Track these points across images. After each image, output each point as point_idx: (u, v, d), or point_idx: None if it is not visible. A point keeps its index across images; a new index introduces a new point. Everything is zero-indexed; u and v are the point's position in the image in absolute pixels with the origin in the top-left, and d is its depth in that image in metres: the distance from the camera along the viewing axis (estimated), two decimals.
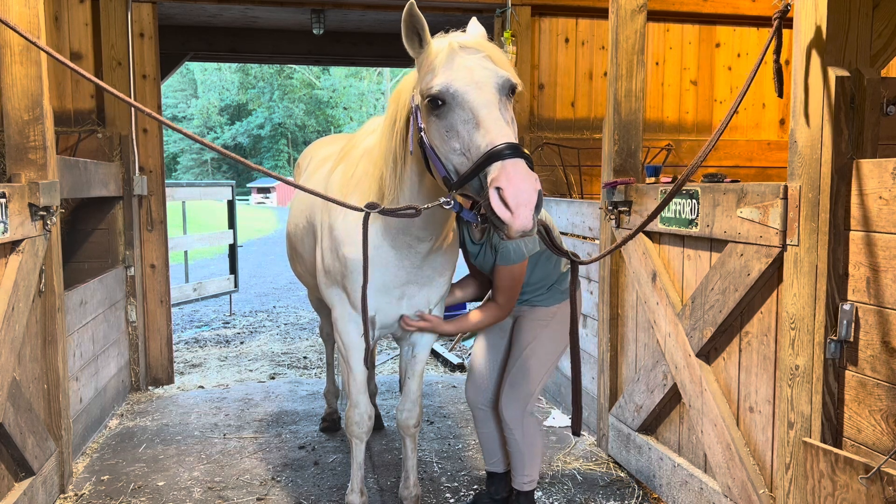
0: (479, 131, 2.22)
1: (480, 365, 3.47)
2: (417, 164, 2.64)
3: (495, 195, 2.10)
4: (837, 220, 2.45)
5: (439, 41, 2.41)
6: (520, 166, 2.12)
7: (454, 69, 2.31)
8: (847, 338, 2.42)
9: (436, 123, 2.35)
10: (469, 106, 2.26)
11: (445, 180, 2.37)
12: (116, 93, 2.52)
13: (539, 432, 3.36)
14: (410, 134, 2.57)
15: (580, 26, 6.21)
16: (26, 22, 3.39)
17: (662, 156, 5.86)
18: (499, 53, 2.42)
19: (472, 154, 2.23)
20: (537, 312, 3.27)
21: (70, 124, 5.40)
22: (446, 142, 2.32)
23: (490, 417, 3.46)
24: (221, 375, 6.15)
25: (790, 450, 2.62)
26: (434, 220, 2.79)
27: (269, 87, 53.09)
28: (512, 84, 2.36)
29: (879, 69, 2.94)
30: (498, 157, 2.14)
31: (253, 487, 3.85)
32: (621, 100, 4.04)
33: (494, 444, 3.50)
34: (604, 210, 4.11)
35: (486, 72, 2.32)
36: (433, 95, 2.30)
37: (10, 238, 3.12)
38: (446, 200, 2.43)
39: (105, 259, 5.41)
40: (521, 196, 2.08)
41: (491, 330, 3.46)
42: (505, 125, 2.25)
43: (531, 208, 2.09)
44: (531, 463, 3.33)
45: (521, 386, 3.25)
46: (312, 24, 6.71)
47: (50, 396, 3.63)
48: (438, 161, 2.37)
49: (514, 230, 2.10)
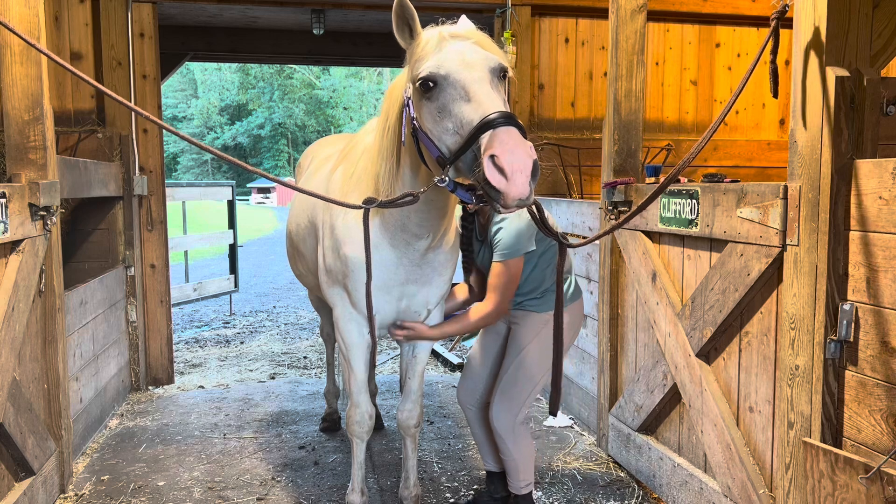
0: (471, 105, 2.20)
1: (473, 366, 3.47)
2: (411, 157, 2.64)
3: (489, 163, 2.05)
4: (837, 220, 2.45)
5: (429, 31, 2.43)
6: (513, 133, 2.09)
7: (444, 53, 2.32)
8: (847, 338, 2.42)
9: (427, 106, 2.33)
10: (460, 84, 2.25)
11: (439, 160, 2.33)
12: (115, 96, 2.52)
13: (530, 439, 3.34)
14: (403, 126, 2.58)
15: (580, 26, 6.21)
16: (26, 22, 3.39)
17: (662, 156, 5.86)
18: (488, 41, 2.43)
19: (465, 130, 2.20)
20: (531, 319, 3.25)
21: (70, 124, 5.40)
22: (439, 123, 2.29)
23: (480, 418, 3.45)
24: (221, 375, 6.15)
25: (790, 450, 2.62)
26: (431, 216, 2.79)
27: (269, 87, 53.08)
28: (503, 67, 2.36)
29: (879, 69, 2.95)
30: (490, 126, 2.11)
31: (253, 487, 3.85)
32: (621, 100, 4.04)
33: (488, 446, 3.49)
34: (604, 210, 4.11)
35: (476, 54, 2.33)
36: (424, 78, 2.30)
37: (10, 238, 3.12)
38: (440, 178, 2.34)
39: (105, 259, 5.42)
40: (517, 162, 2.03)
41: (487, 332, 3.45)
42: (498, 98, 2.23)
43: (527, 174, 2.05)
44: (525, 468, 3.32)
45: (512, 396, 3.22)
46: (312, 24, 6.71)
47: (50, 396, 3.63)
48: (432, 144, 2.34)
49: (510, 197, 2.05)
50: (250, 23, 7.20)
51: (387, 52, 7.83)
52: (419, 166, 2.62)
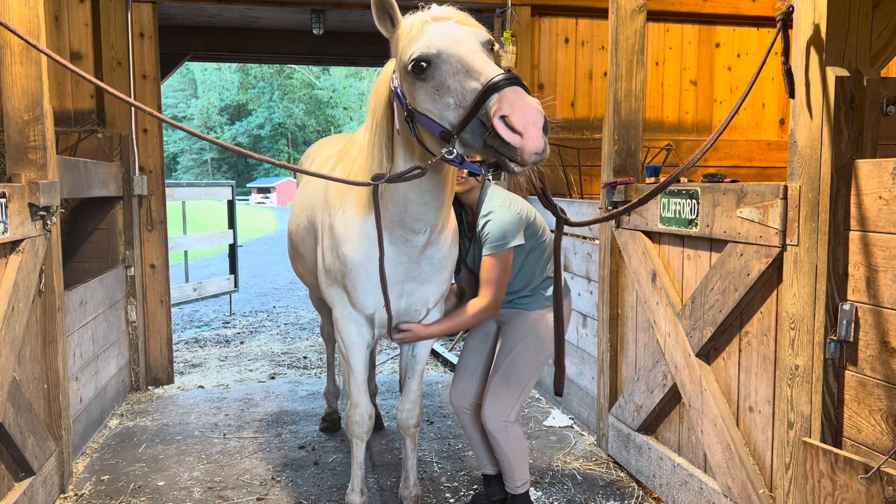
0: (472, 76, 2.20)
1: (464, 368, 3.46)
2: (405, 147, 2.65)
3: (501, 123, 2.06)
4: (837, 220, 2.45)
5: (410, 17, 2.45)
6: (520, 91, 2.10)
7: (432, 33, 2.32)
8: (847, 338, 2.42)
9: (424, 87, 2.32)
10: (456, 58, 2.25)
11: (443, 134, 2.30)
12: (117, 93, 2.52)
13: (523, 437, 3.33)
14: (395, 116, 2.58)
15: (580, 26, 6.21)
16: (26, 22, 3.39)
17: (662, 156, 5.86)
18: (470, 19, 2.45)
19: (468, 100, 2.19)
20: (520, 318, 3.25)
21: (70, 124, 5.40)
22: (438, 101, 2.28)
23: (474, 421, 3.44)
24: (221, 375, 6.15)
25: (790, 450, 2.62)
26: (428, 208, 2.78)
27: (269, 87, 53.12)
28: (490, 40, 2.38)
29: (879, 69, 2.94)
30: (496, 88, 2.11)
31: (253, 487, 3.85)
32: (621, 100, 4.04)
33: (482, 448, 3.48)
34: (604, 210, 4.11)
35: (464, 31, 2.35)
36: (416, 59, 2.29)
37: (10, 238, 3.12)
38: (448, 150, 2.29)
39: (105, 259, 5.42)
40: (528, 116, 2.04)
41: (475, 334, 3.45)
42: (495, 66, 2.23)
43: (539, 127, 2.05)
44: (520, 468, 3.31)
45: (503, 396, 3.21)
46: (312, 24, 6.71)
47: (50, 396, 3.63)
48: (433, 123, 2.32)
49: (527, 151, 2.05)
50: (250, 23, 7.20)
51: (387, 52, 7.75)
52: (413, 154, 2.63)
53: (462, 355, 3.50)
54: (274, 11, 6.45)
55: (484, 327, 3.40)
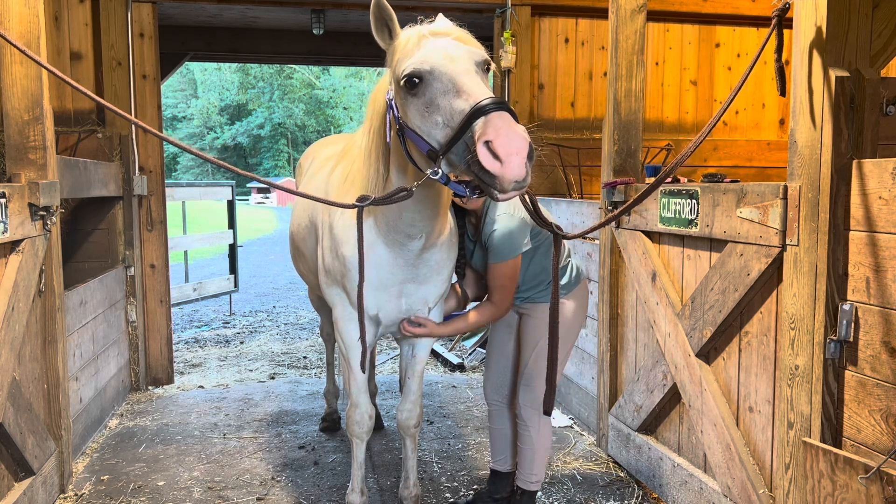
0: (461, 96, 2.18)
1: (494, 363, 3.50)
2: (398, 159, 2.64)
3: (484, 149, 2.04)
4: (837, 220, 2.45)
5: (408, 30, 2.42)
6: (506, 117, 2.07)
7: (427, 49, 2.30)
8: (847, 338, 2.42)
9: (414, 103, 2.31)
10: (447, 77, 2.23)
11: (429, 153, 2.30)
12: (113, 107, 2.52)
13: (551, 433, 3.38)
14: (388, 128, 2.57)
15: (580, 26, 6.21)
16: (26, 22, 3.39)
17: (662, 156, 5.86)
18: (468, 36, 2.42)
19: (455, 121, 2.17)
20: (540, 309, 3.27)
21: (70, 124, 5.40)
22: (427, 118, 2.27)
23: (504, 413, 3.48)
24: (221, 375, 6.15)
25: (790, 450, 2.62)
26: (423, 216, 2.78)
27: (269, 87, 53.06)
28: (486, 60, 2.36)
29: (879, 69, 2.94)
30: (482, 112, 2.09)
31: (253, 487, 3.85)
32: (621, 100, 4.04)
33: (504, 442, 3.50)
34: (603, 210, 4.11)
35: (460, 49, 2.32)
36: (409, 74, 2.28)
37: (10, 238, 3.12)
38: (433, 171, 2.31)
39: (105, 259, 5.42)
40: (512, 144, 2.02)
41: (498, 327, 3.47)
42: (486, 88, 2.21)
43: (523, 156, 2.03)
44: (540, 462, 3.35)
45: (536, 387, 3.24)
46: (312, 24, 6.71)
47: (50, 396, 3.63)
48: (421, 140, 2.31)
49: (507, 181, 2.03)
50: (250, 23, 7.20)
51: None
52: (406, 167, 2.61)
53: (489, 349, 3.53)
54: (274, 11, 6.45)
55: (506, 319, 3.42)
